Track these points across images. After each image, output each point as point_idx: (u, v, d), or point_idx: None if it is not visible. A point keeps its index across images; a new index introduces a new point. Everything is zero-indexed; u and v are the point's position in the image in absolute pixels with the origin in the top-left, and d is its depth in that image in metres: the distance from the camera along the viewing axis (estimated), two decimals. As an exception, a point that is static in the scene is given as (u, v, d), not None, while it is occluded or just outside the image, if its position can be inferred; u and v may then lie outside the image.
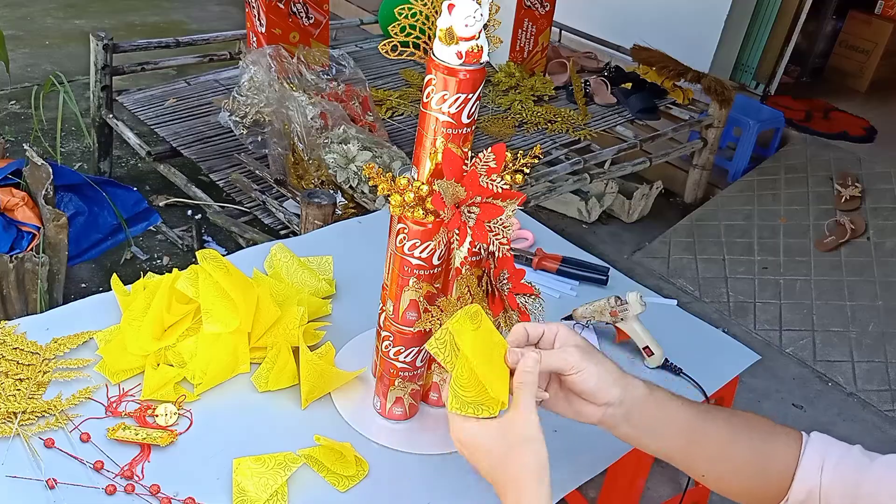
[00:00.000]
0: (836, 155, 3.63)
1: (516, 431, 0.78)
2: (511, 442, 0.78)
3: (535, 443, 0.78)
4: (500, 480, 0.79)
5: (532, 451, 0.78)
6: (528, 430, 0.78)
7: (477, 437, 0.80)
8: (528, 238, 1.76)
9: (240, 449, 1.10)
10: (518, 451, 0.78)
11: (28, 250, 2.06)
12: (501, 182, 1.01)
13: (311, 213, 2.03)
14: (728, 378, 1.44)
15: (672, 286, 3.15)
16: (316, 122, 2.49)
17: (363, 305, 1.37)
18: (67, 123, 3.55)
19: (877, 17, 4.76)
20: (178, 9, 5.62)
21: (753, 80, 4.31)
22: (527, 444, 0.78)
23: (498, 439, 0.78)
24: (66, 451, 1.07)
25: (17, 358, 1.18)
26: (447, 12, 0.92)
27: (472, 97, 0.96)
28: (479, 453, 0.79)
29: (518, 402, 0.80)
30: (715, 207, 3.55)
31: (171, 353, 1.22)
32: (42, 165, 2.14)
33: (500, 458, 0.78)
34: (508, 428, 0.79)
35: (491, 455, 0.78)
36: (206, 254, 1.23)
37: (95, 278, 2.73)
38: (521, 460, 0.77)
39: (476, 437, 0.80)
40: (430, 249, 1.04)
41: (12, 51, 4.22)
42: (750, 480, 0.87)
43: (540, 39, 3.61)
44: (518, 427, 0.79)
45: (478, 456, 0.80)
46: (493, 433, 0.79)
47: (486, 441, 0.79)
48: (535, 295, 1.14)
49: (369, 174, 1.00)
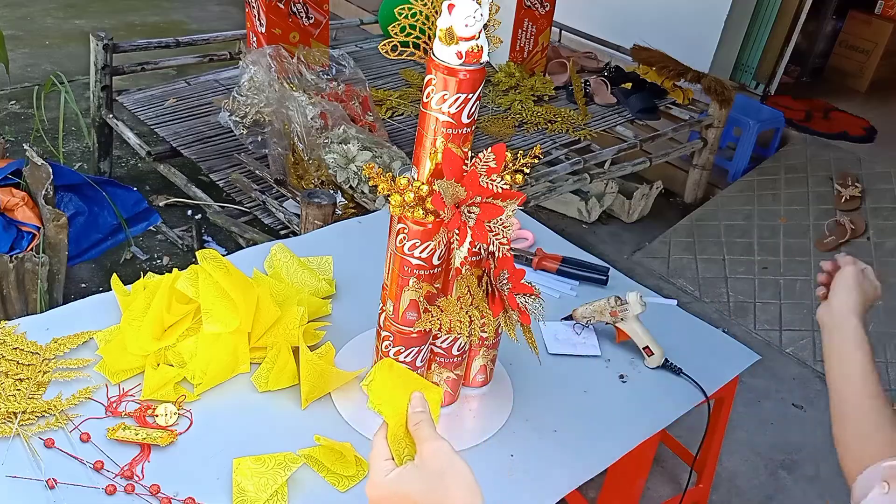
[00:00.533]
0: (836, 155, 3.63)
1: (430, 464, 0.78)
2: (431, 475, 0.77)
3: (453, 466, 0.77)
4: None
5: (453, 476, 0.77)
6: (440, 458, 0.78)
7: (397, 485, 0.78)
8: (528, 238, 1.76)
9: (240, 449, 1.10)
10: (441, 481, 0.76)
11: (28, 250, 2.06)
12: (501, 182, 1.01)
13: (311, 213, 2.03)
14: (728, 378, 1.45)
15: (672, 286, 3.15)
16: (316, 122, 2.49)
17: (363, 305, 1.37)
18: (67, 123, 3.55)
19: (877, 17, 4.76)
20: (178, 9, 5.62)
21: (753, 80, 4.31)
22: (447, 471, 0.77)
23: (417, 479, 0.77)
24: (66, 451, 1.07)
25: (17, 358, 1.18)
26: (447, 12, 0.92)
27: (472, 97, 0.96)
28: (407, 501, 0.77)
29: (421, 437, 0.80)
30: (715, 207, 3.55)
31: (171, 353, 1.22)
32: (42, 165, 2.14)
33: (426, 495, 0.76)
34: (423, 464, 0.78)
35: (414, 498, 0.76)
36: (206, 254, 1.23)
37: (95, 278, 2.73)
38: (450, 489, 0.76)
39: (396, 485, 0.78)
40: (430, 249, 1.04)
41: (12, 51, 4.23)
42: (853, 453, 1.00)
43: (540, 39, 3.61)
44: (429, 459, 0.78)
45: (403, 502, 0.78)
46: (411, 474, 0.78)
47: (406, 485, 0.77)
48: (535, 295, 1.14)
49: (369, 174, 1.00)
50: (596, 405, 1.31)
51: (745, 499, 2.20)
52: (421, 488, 0.76)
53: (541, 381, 1.34)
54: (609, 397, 1.33)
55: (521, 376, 1.34)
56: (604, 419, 1.28)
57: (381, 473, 0.79)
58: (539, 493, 1.12)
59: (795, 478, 2.28)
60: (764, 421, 2.47)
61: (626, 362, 1.42)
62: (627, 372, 1.40)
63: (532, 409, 1.27)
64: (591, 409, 1.30)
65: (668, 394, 1.36)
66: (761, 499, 2.20)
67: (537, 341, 1.33)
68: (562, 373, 1.37)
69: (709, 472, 1.78)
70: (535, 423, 1.25)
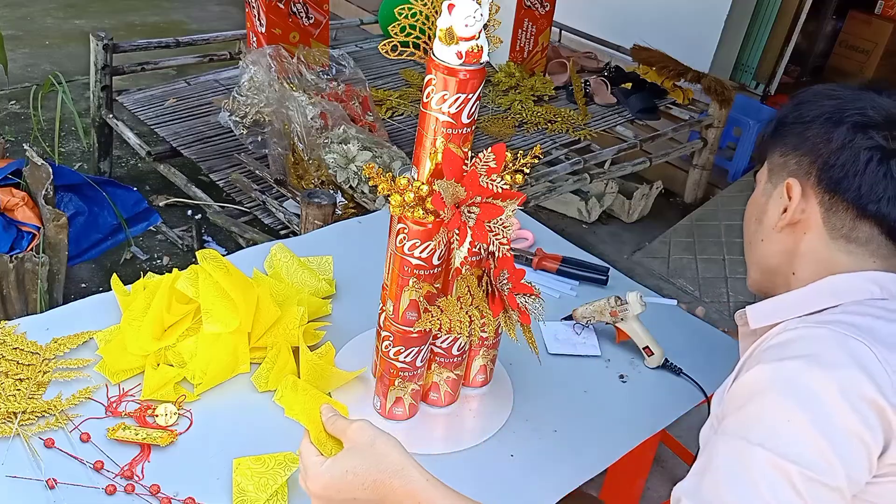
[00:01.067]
0: (836, 155, 3.63)
1: (358, 440, 0.86)
2: (363, 449, 0.85)
3: (378, 435, 0.86)
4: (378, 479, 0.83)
5: (383, 441, 0.85)
6: (365, 432, 0.87)
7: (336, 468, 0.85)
8: (528, 238, 1.76)
9: (240, 449, 1.10)
10: (372, 448, 0.85)
11: (28, 250, 2.06)
12: (501, 182, 1.01)
13: (311, 213, 2.03)
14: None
15: (672, 286, 3.15)
16: (316, 122, 2.49)
17: (363, 305, 1.37)
18: (67, 123, 3.55)
19: (877, 17, 4.75)
20: (178, 9, 5.62)
21: (753, 80, 4.31)
22: (376, 439, 0.86)
23: (352, 457, 0.85)
24: (66, 451, 1.07)
25: (17, 358, 1.18)
26: (447, 12, 0.92)
27: (472, 97, 0.96)
28: (349, 476, 0.84)
29: (341, 427, 0.89)
30: (715, 207, 3.55)
31: (171, 353, 1.22)
32: (42, 165, 2.14)
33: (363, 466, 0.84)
34: (353, 445, 0.87)
35: (350, 474, 0.84)
36: (206, 254, 1.23)
37: (95, 278, 2.73)
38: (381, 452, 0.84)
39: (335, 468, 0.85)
40: (430, 249, 1.04)
41: (12, 51, 4.23)
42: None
43: (540, 39, 3.61)
44: (356, 437, 0.87)
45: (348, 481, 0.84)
46: (345, 456, 0.86)
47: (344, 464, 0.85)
48: (535, 295, 1.14)
49: (369, 174, 1.00)
50: (596, 405, 1.31)
51: (745, 499, 2.20)
52: (356, 461, 0.84)
53: (541, 381, 1.34)
54: (609, 397, 1.33)
55: (521, 376, 1.34)
56: (604, 419, 1.28)
57: (317, 466, 0.86)
58: (539, 493, 1.12)
59: (795, 478, 2.28)
60: (764, 421, 2.47)
61: (626, 362, 1.42)
62: (627, 372, 1.40)
63: (532, 409, 1.27)
64: (591, 409, 1.30)
65: (668, 394, 1.36)
66: (761, 499, 2.20)
67: (537, 341, 1.33)
68: (562, 373, 1.37)
69: (709, 472, 1.78)
70: (535, 423, 1.25)
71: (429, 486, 0.83)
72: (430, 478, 0.84)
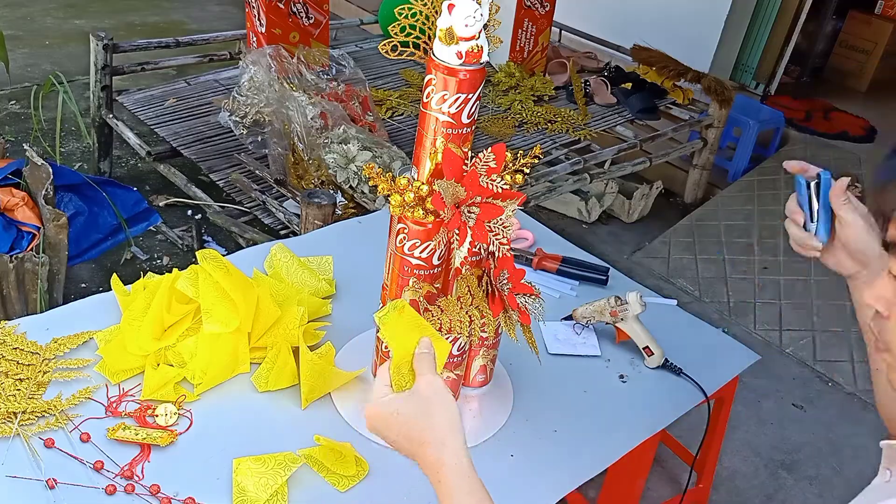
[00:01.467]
0: (836, 155, 3.63)
1: (422, 392, 0.88)
2: (420, 400, 0.87)
3: (440, 395, 0.87)
4: (415, 437, 0.85)
5: (440, 404, 0.86)
6: (431, 388, 0.88)
7: (390, 405, 0.87)
8: (528, 238, 1.76)
9: (240, 449, 1.10)
10: (428, 406, 0.86)
11: (28, 250, 2.06)
12: (501, 182, 1.01)
13: (311, 213, 2.03)
14: (728, 378, 1.45)
15: (672, 286, 3.15)
16: (316, 122, 2.49)
17: (363, 305, 1.37)
18: (67, 123, 3.55)
19: (877, 17, 4.76)
20: (178, 9, 5.62)
21: (753, 80, 4.31)
22: (435, 399, 0.87)
23: (408, 401, 0.87)
24: (66, 451, 1.07)
25: (17, 358, 1.18)
26: (447, 12, 0.92)
27: (472, 97, 0.96)
28: (394, 418, 0.86)
29: (418, 371, 0.90)
30: (715, 207, 3.55)
31: (171, 353, 1.22)
32: (42, 165, 2.14)
33: (412, 416, 0.86)
34: (415, 391, 0.88)
35: (402, 416, 0.86)
36: (206, 254, 1.23)
37: (95, 278, 2.73)
38: (434, 413, 0.86)
39: (389, 405, 0.87)
40: (430, 249, 1.04)
41: (12, 51, 4.22)
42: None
43: (540, 39, 3.61)
44: (422, 389, 0.88)
45: (393, 422, 0.87)
46: (404, 399, 0.88)
47: (397, 405, 0.87)
48: (535, 295, 1.14)
49: (369, 174, 1.00)
50: (596, 405, 1.31)
51: (745, 499, 2.20)
52: (409, 409, 0.87)
53: (541, 381, 1.34)
54: (609, 397, 1.33)
55: (521, 376, 1.34)
56: (604, 419, 1.28)
57: (378, 395, 0.90)
58: (539, 493, 1.12)
59: (795, 478, 2.28)
60: (764, 421, 2.47)
61: (626, 362, 1.42)
62: (627, 372, 1.40)
63: (532, 409, 1.27)
64: (591, 409, 1.30)
65: (668, 394, 1.36)
66: (761, 499, 2.20)
67: (537, 341, 1.33)
68: (562, 373, 1.37)
69: (709, 472, 1.79)
70: (535, 423, 1.25)
71: (454, 468, 0.84)
72: (459, 462, 0.84)
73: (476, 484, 0.84)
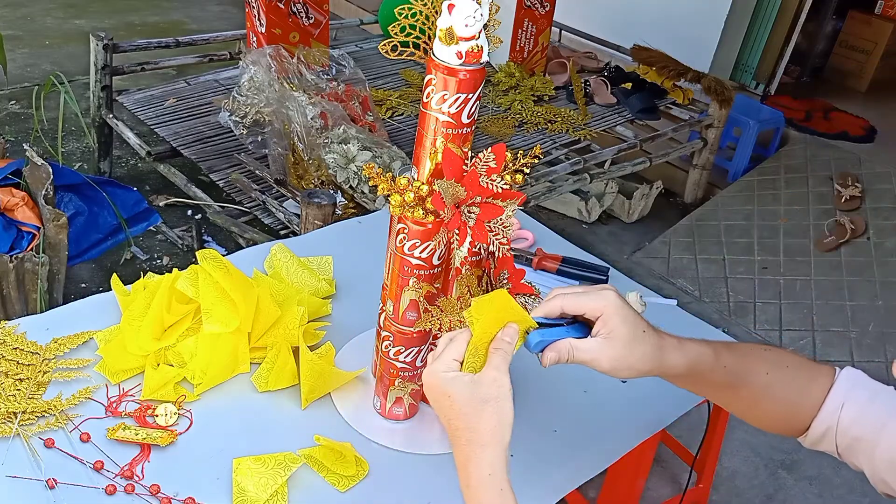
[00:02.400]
0: (836, 155, 3.63)
1: (484, 388, 0.84)
2: (477, 396, 0.83)
3: (499, 401, 0.84)
4: (459, 427, 0.83)
5: (495, 409, 0.83)
6: (494, 388, 0.84)
7: (449, 385, 0.84)
8: (528, 238, 1.76)
9: (240, 449, 1.10)
10: (483, 406, 0.83)
11: (28, 250, 2.06)
12: (501, 182, 1.01)
13: (311, 213, 2.03)
14: (728, 378, 1.44)
15: (672, 286, 3.15)
16: (316, 122, 2.49)
17: (363, 305, 1.37)
18: (67, 123, 3.55)
19: (877, 17, 4.75)
20: (178, 9, 5.62)
21: (753, 80, 4.31)
22: (492, 402, 0.83)
23: (466, 391, 0.83)
24: (66, 451, 1.07)
25: (17, 358, 1.18)
26: (447, 12, 0.92)
27: (472, 97, 0.96)
28: (447, 400, 0.84)
29: (490, 362, 0.86)
30: (715, 207, 3.55)
31: (171, 353, 1.22)
32: (42, 165, 2.14)
33: (464, 408, 0.83)
34: (478, 383, 0.84)
35: (455, 403, 0.83)
36: (206, 254, 1.23)
37: (95, 278, 2.73)
38: (484, 415, 0.82)
39: (448, 385, 0.84)
40: (430, 249, 1.04)
41: (12, 51, 4.23)
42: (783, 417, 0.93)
43: (540, 39, 3.61)
44: (485, 385, 0.84)
45: (444, 403, 0.84)
46: (464, 385, 0.84)
47: (455, 390, 0.84)
48: (535, 295, 1.14)
49: (369, 174, 1.00)
50: (596, 405, 1.31)
51: (745, 499, 2.20)
52: (464, 400, 0.83)
53: (541, 381, 1.34)
54: (609, 397, 1.33)
55: (521, 376, 1.34)
56: (604, 419, 1.28)
57: (444, 366, 0.85)
58: (539, 492, 1.12)
59: (795, 478, 2.28)
60: (764, 421, 2.47)
61: (626, 362, 1.41)
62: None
63: (532, 409, 1.27)
64: (591, 409, 1.30)
65: (668, 394, 1.35)
66: (761, 499, 2.20)
67: (537, 341, 1.33)
68: (562, 373, 1.37)
69: (709, 472, 1.78)
70: (535, 423, 1.25)
71: (484, 478, 0.82)
72: (493, 472, 0.82)
73: (505, 499, 0.82)
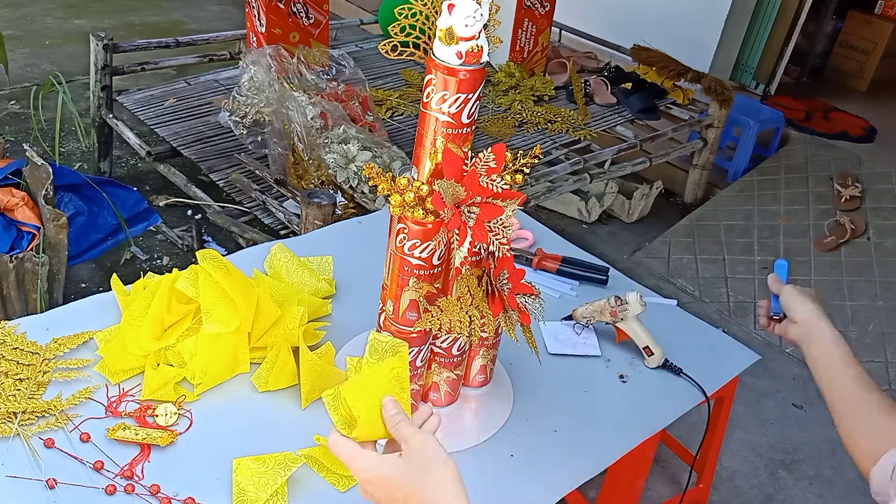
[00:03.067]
0: (836, 155, 3.63)
1: (421, 454, 0.82)
2: (419, 465, 0.81)
3: (441, 457, 0.82)
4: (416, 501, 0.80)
5: (445, 466, 0.81)
6: (429, 449, 0.82)
7: (386, 473, 0.82)
8: (528, 238, 1.76)
9: (240, 449, 1.10)
10: (429, 470, 0.81)
11: (28, 250, 2.06)
12: (501, 182, 1.01)
13: (311, 213, 2.03)
14: (728, 378, 1.45)
15: (672, 286, 3.15)
16: (316, 122, 2.49)
17: (363, 305, 1.37)
18: (67, 123, 3.55)
19: (877, 17, 4.75)
20: (178, 9, 5.62)
21: (753, 80, 4.31)
22: (436, 461, 0.81)
23: (406, 468, 0.81)
24: (66, 451, 1.07)
25: (17, 358, 1.18)
26: (447, 12, 0.92)
27: (472, 97, 0.96)
28: (392, 486, 0.81)
29: (405, 435, 0.84)
30: (715, 207, 3.55)
31: (171, 353, 1.22)
32: (42, 165, 2.14)
33: (413, 483, 0.80)
34: (411, 454, 0.82)
35: (404, 484, 0.80)
36: (206, 254, 1.23)
37: (95, 278, 2.73)
38: (435, 477, 0.80)
39: (385, 473, 0.82)
40: (430, 249, 1.04)
41: (12, 51, 4.23)
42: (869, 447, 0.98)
43: (540, 39, 3.61)
44: (419, 451, 0.82)
45: (391, 489, 0.81)
46: (401, 463, 0.82)
47: (395, 472, 0.81)
48: (535, 295, 1.14)
49: (369, 174, 1.00)
50: (596, 405, 1.31)
51: (745, 499, 2.20)
52: (407, 477, 0.80)
53: (541, 381, 1.34)
54: (609, 397, 1.33)
55: (521, 376, 1.34)
56: (604, 419, 1.28)
57: (362, 458, 0.83)
58: (539, 493, 1.12)
59: (795, 478, 2.28)
60: (764, 421, 2.47)
61: (626, 362, 1.42)
62: (627, 372, 1.40)
63: (532, 409, 1.27)
64: (591, 409, 1.30)
65: (668, 394, 1.36)
66: (761, 499, 2.20)
67: (537, 341, 1.33)
68: (562, 373, 1.37)
69: (709, 472, 1.78)
70: (535, 423, 1.25)
71: None
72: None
73: None
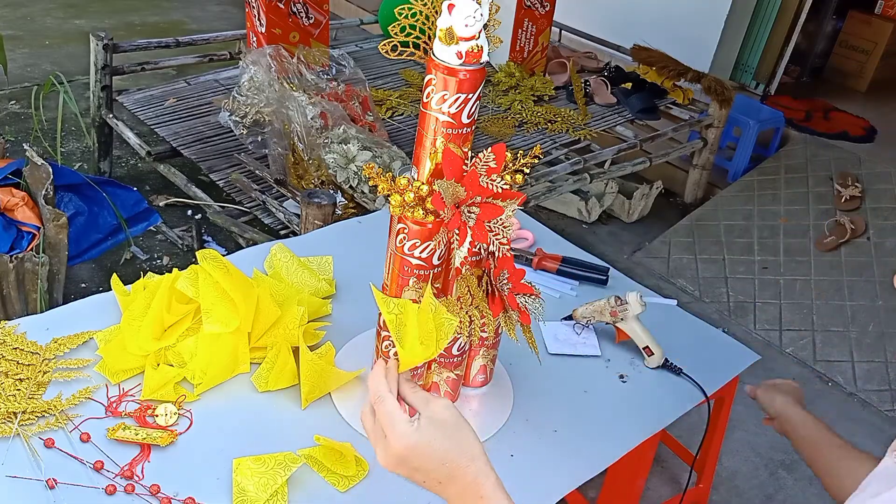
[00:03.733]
0: (836, 155, 3.63)
1: (445, 417, 0.85)
2: (447, 427, 0.84)
3: (463, 420, 0.86)
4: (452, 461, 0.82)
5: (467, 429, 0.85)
6: (451, 412, 0.86)
7: (422, 433, 0.83)
8: (528, 238, 1.76)
9: (240, 449, 1.10)
10: (456, 432, 0.84)
11: (28, 250, 2.06)
12: (501, 182, 1.01)
13: (311, 213, 2.03)
14: (728, 378, 1.45)
15: (672, 286, 3.15)
16: (316, 122, 2.49)
17: (363, 305, 1.37)
18: (67, 123, 3.55)
19: (877, 17, 4.76)
20: (178, 9, 5.62)
21: (753, 80, 4.31)
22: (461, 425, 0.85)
23: (436, 430, 0.84)
24: (66, 451, 1.07)
25: (17, 358, 1.18)
26: (447, 12, 0.92)
27: (472, 97, 0.96)
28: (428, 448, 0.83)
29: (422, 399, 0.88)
30: (715, 207, 3.55)
31: (171, 353, 1.22)
32: (42, 165, 2.14)
33: (446, 447, 0.83)
34: (435, 419, 0.85)
35: (437, 448, 0.82)
36: (206, 254, 1.23)
37: (95, 278, 2.73)
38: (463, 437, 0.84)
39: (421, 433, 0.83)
40: (430, 249, 1.04)
41: (12, 51, 4.23)
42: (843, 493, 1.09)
43: (540, 39, 3.61)
44: (441, 413, 0.85)
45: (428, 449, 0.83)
46: (430, 427, 0.84)
47: (430, 434, 0.83)
48: (535, 295, 1.14)
49: (369, 174, 1.00)
50: (596, 405, 1.31)
51: (745, 499, 2.20)
52: (442, 437, 0.83)
53: (541, 381, 1.34)
54: (609, 397, 1.33)
55: (521, 376, 1.34)
56: (604, 419, 1.28)
57: (406, 423, 0.84)
58: (539, 493, 1.12)
59: (795, 478, 2.28)
60: (764, 421, 2.47)
61: (626, 362, 1.42)
62: (627, 372, 1.40)
63: (532, 409, 1.27)
64: (591, 409, 1.30)
65: (668, 394, 1.36)
66: (761, 499, 2.20)
67: (537, 341, 1.33)
68: (562, 373, 1.37)
69: (709, 472, 1.79)
70: (535, 423, 1.25)
71: (496, 485, 0.83)
72: (497, 478, 0.83)
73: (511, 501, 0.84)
